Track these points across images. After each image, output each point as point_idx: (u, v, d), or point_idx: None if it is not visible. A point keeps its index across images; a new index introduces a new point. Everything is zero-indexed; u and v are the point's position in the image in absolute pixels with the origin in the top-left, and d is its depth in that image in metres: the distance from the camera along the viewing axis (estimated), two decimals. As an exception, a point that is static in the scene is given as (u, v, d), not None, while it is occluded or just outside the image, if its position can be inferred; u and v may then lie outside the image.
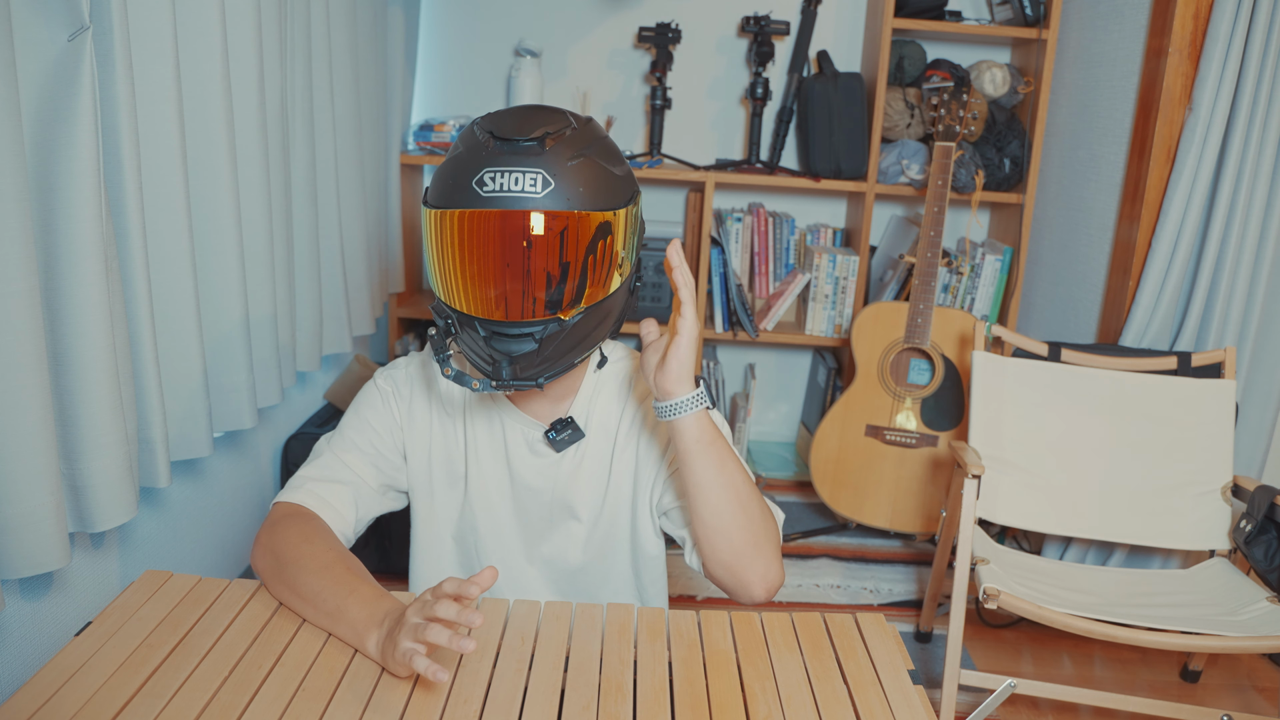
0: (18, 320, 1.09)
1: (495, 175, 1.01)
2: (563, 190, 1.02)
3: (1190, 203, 2.18)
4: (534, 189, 1.01)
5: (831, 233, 3.03)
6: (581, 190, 1.03)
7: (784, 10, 2.97)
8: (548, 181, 1.01)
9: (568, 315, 1.06)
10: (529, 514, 1.25)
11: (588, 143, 1.06)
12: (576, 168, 1.03)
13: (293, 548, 1.09)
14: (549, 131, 1.03)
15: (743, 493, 1.10)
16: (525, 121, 1.04)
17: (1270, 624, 1.69)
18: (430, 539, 1.28)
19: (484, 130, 1.05)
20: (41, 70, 1.16)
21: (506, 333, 1.05)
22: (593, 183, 1.04)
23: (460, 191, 1.03)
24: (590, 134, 1.08)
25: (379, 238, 2.60)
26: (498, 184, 1.01)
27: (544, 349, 1.05)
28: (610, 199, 1.06)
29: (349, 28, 2.19)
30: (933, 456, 2.56)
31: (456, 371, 1.08)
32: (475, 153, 1.03)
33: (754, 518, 1.11)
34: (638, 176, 2.83)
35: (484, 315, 1.05)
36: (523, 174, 1.01)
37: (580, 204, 1.03)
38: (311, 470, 1.20)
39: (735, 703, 0.96)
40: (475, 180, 1.02)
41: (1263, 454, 2.27)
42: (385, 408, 1.24)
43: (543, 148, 1.02)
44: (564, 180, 1.02)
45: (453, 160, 1.06)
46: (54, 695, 0.91)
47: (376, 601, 1.02)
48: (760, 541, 1.11)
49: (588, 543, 1.26)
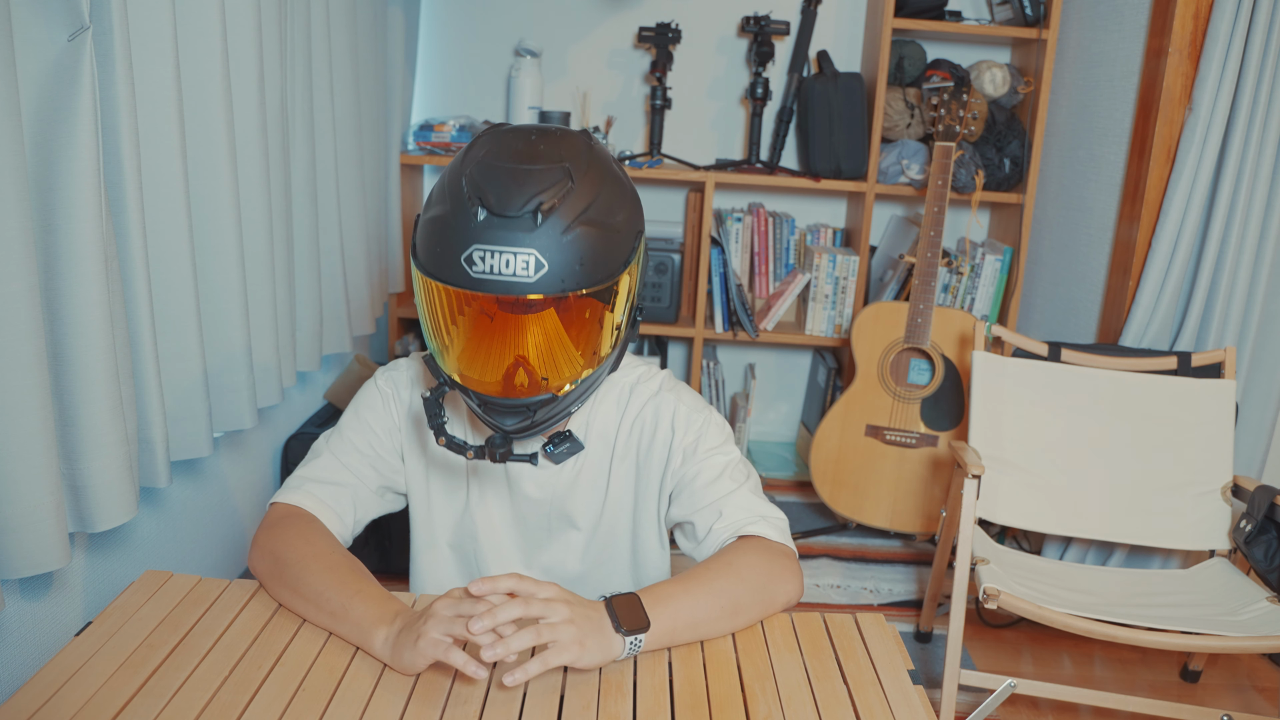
0: (18, 320, 1.09)
1: (485, 255, 0.94)
2: (558, 270, 0.95)
3: (1190, 203, 2.18)
4: (526, 273, 0.94)
5: (831, 233, 3.03)
6: (579, 267, 0.96)
7: (784, 10, 2.97)
8: (540, 263, 0.94)
9: (562, 391, 1.04)
10: (528, 523, 1.25)
11: (588, 200, 0.98)
12: (574, 240, 0.95)
13: (293, 549, 1.09)
14: (542, 201, 0.94)
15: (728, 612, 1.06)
16: (518, 187, 0.95)
17: (1270, 624, 1.69)
18: (429, 545, 1.28)
19: (473, 192, 0.96)
20: (41, 70, 1.16)
21: (500, 404, 1.03)
22: (591, 253, 0.97)
23: (448, 266, 0.96)
24: (591, 182, 0.99)
25: (379, 238, 2.60)
26: (487, 265, 0.94)
27: (538, 417, 1.03)
28: (610, 265, 0.99)
29: (349, 28, 2.19)
30: (933, 456, 2.56)
31: (450, 438, 1.04)
32: (463, 221, 0.95)
33: (750, 610, 1.08)
34: (638, 177, 2.84)
35: (476, 389, 1.03)
36: (514, 255, 0.94)
37: (576, 283, 0.96)
38: (309, 471, 1.20)
39: (735, 703, 0.96)
40: (464, 257, 0.95)
41: (1263, 454, 2.27)
42: (385, 409, 1.23)
43: (535, 222, 0.94)
44: (559, 258, 0.95)
45: (439, 221, 0.98)
46: (54, 695, 0.91)
47: (383, 601, 1.02)
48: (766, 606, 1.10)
49: (586, 552, 1.25)
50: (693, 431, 1.19)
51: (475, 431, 1.22)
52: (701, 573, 1.07)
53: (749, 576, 1.09)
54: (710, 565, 1.09)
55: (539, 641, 0.92)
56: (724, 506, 1.15)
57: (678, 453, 1.19)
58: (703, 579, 1.06)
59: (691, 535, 1.19)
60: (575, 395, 1.06)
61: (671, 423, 1.20)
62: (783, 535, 1.16)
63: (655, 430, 1.21)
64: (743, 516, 1.15)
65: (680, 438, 1.19)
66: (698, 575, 1.07)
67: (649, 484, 1.23)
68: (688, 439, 1.19)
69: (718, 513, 1.15)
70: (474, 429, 1.22)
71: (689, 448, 1.19)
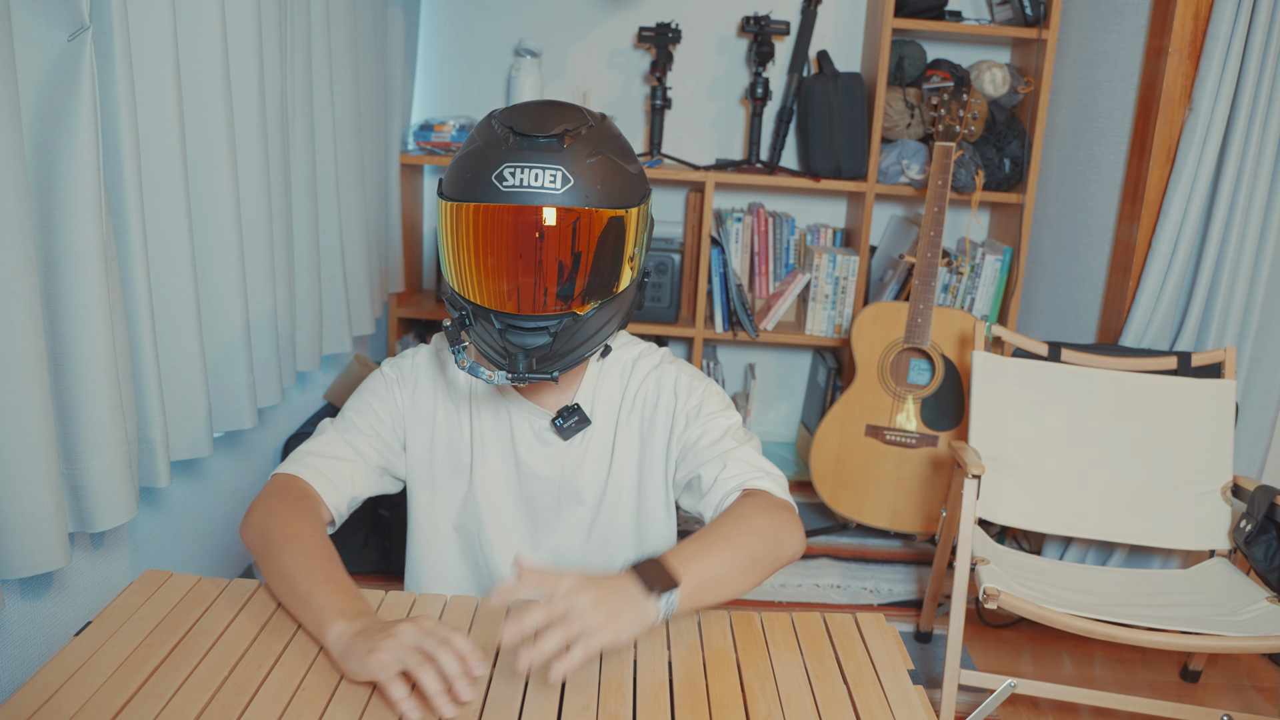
0: (18, 320, 1.09)
1: (515, 170, 1.03)
2: (580, 187, 1.04)
3: (1190, 203, 2.18)
4: (553, 185, 1.03)
5: (831, 233, 3.03)
6: (599, 188, 1.05)
7: (784, 10, 2.97)
8: (567, 178, 1.03)
9: (583, 310, 1.08)
10: (536, 502, 1.26)
11: (604, 141, 1.08)
12: (594, 165, 1.05)
13: (279, 526, 1.10)
14: (568, 128, 1.04)
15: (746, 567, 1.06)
16: (545, 118, 1.06)
17: (1270, 624, 1.69)
18: (430, 529, 1.28)
19: (503, 125, 1.06)
20: (41, 70, 1.16)
21: (522, 325, 1.07)
22: (609, 180, 1.06)
23: (479, 185, 1.04)
24: (606, 132, 1.10)
25: (379, 238, 2.60)
26: (517, 179, 1.02)
27: (558, 342, 1.08)
28: (625, 197, 1.08)
29: (349, 28, 2.19)
30: (933, 456, 2.56)
31: (471, 363, 1.09)
32: (494, 147, 1.04)
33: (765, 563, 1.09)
34: (638, 176, 2.84)
35: (499, 308, 1.08)
36: (542, 170, 1.02)
37: (597, 201, 1.05)
38: (313, 445, 1.21)
39: (735, 703, 0.96)
40: (495, 175, 1.03)
41: (1263, 454, 2.27)
42: (389, 393, 1.25)
43: (561, 144, 1.03)
44: (582, 177, 1.04)
45: (470, 154, 1.07)
46: (54, 695, 0.91)
47: (350, 598, 1.01)
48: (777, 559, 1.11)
49: (592, 527, 1.26)
50: (695, 397, 1.23)
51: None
52: (716, 529, 1.09)
53: (761, 529, 1.10)
54: (722, 522, 1.10)
55: (571, 636, 0.89)
56: (728, 459, 1.18)
57: (681, 418, 1.23)
58: (718, 535, 1.07)
59: (696, 489, 1.20)
60: (592, 329, 1.10)
61: (674, 390, 1.24)
62: (784, 491, 1.18)
63: (658, 399, 1.24)
64: (746, 470, 1.17)
65: (683, 403, 1.23)
66: (713, 532, 1.08)
67: (654, 453, 1.25)
68: (690, 404, 1.23)
69: (722, 464, 1.18)
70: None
71: (691, 412, 1.22)
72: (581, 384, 1.24)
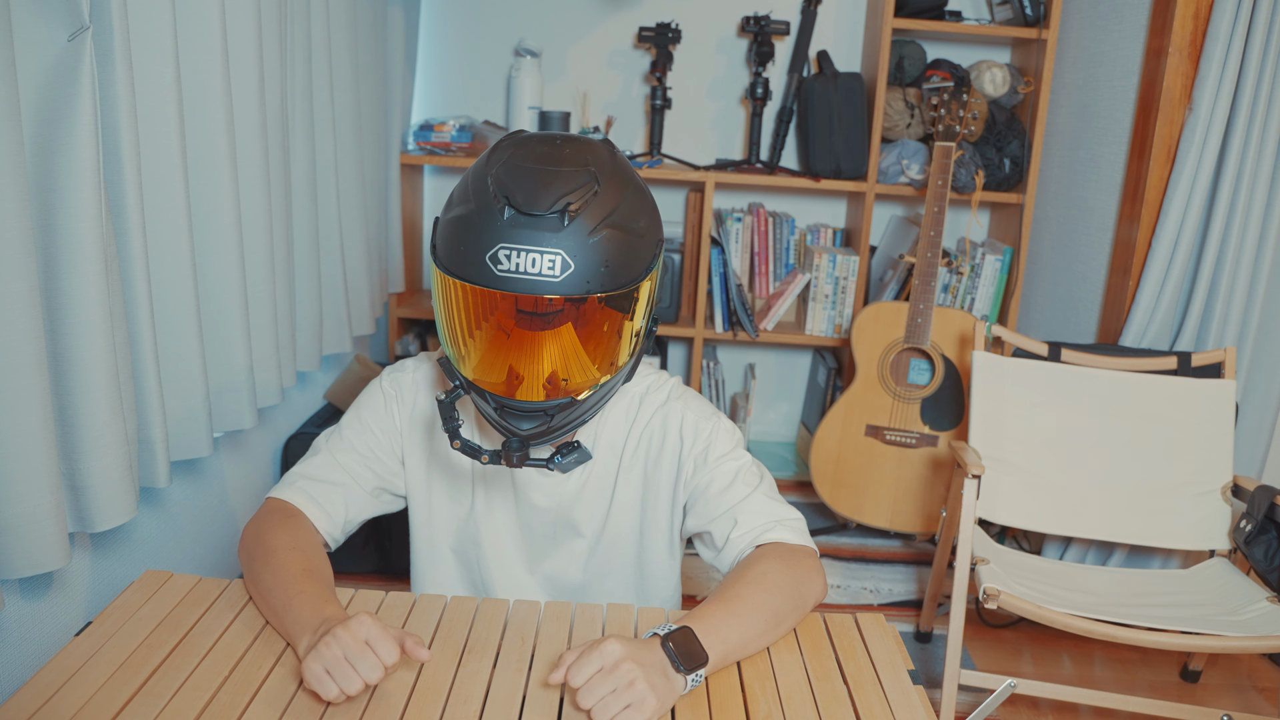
0: (18, 320, 1.09)
1: (511, 253, 0.94)
2: (583, 270, 0.95)
3: (1190, 203, 2.18)
4: (552, 272, 0.94)
5: (831, 233, 3.03)
6: (604, 270, 0.96)
7: (784, 10, 2.97)
8: (567, 264, 0.94)
9: (581, 395, 1.03)
10: (533, 531, 1.24)
11: (613, 204, 0.98)
12: (599, 243, 0.96)
13: (262, 543, 1.10)
14: (570, 202, 0.95)
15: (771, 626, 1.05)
16: (545, 187, 0.95)
17: (1270, 624, 1.69)
18: (430, 549, 1.27)
19: (500, 191, 0.96)
20: (41, 70, 1.16)
21: (517, 408, 1.02)
22: (616, 256, 0.97)
23: (472, 264, 0.95)
24: (616, 187, 1.00)
25: (379, 238, 2.60)
26: (513, 263, 0.94)
27: (554, 422, 1.03)
28: (633, 270, 0.99)
29: (349, 28, 2.19)
30: (933, 456, 2.56)
31: (465, 443, 1.04)
32: (488, 218, 0.95)
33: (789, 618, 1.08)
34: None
35: (493, 391, 1.03)
36: (540, 255, 0.94)
37: (600, 285, 0.96)
38: (305, 468, 1.20)
39: (735, 703, 0.96)
40: (489, 255, 0.94)
41: (1263, 454, 2.27)
42: (386, 411, 1.23)
43: (563, 222, 0.94)
44: (585, 259, 0.95)
45: (463, 221, 0.98)
46: (54, 695, 0.91)
47: (318, 607, 0.99)
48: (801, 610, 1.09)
49: (589, 560, 1.25)
50: (702, 439, 1.18)
51: (484, 436, 1.21)
52: (738, 591, 1.05)
53: (783, 585, 1.07)
54: (743, 580, 1.07)
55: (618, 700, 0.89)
56: (739, 514, 1.14)
57: (689, 462, 1.18)
58: (742, 598, 1.04)
59: (710, 544, 1.19)
60: (592, 402, 1.06)
61: (680, 432, 1.19)
62: (801, 536, 1.15)
63: (664, 440, 1.20)
64: (759, 523, 1.14)
65: (690, 447, 1.18)
66: (736, 594, 1.04)
67: (658, 494, 1.22)
68: (697, 447, 1.18)
69: (733, 520, 1.14)
70: (482, 434, 1.21)
71: (699, 456, 1.18)
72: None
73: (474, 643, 1.04)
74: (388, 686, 0.96)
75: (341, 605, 1.02)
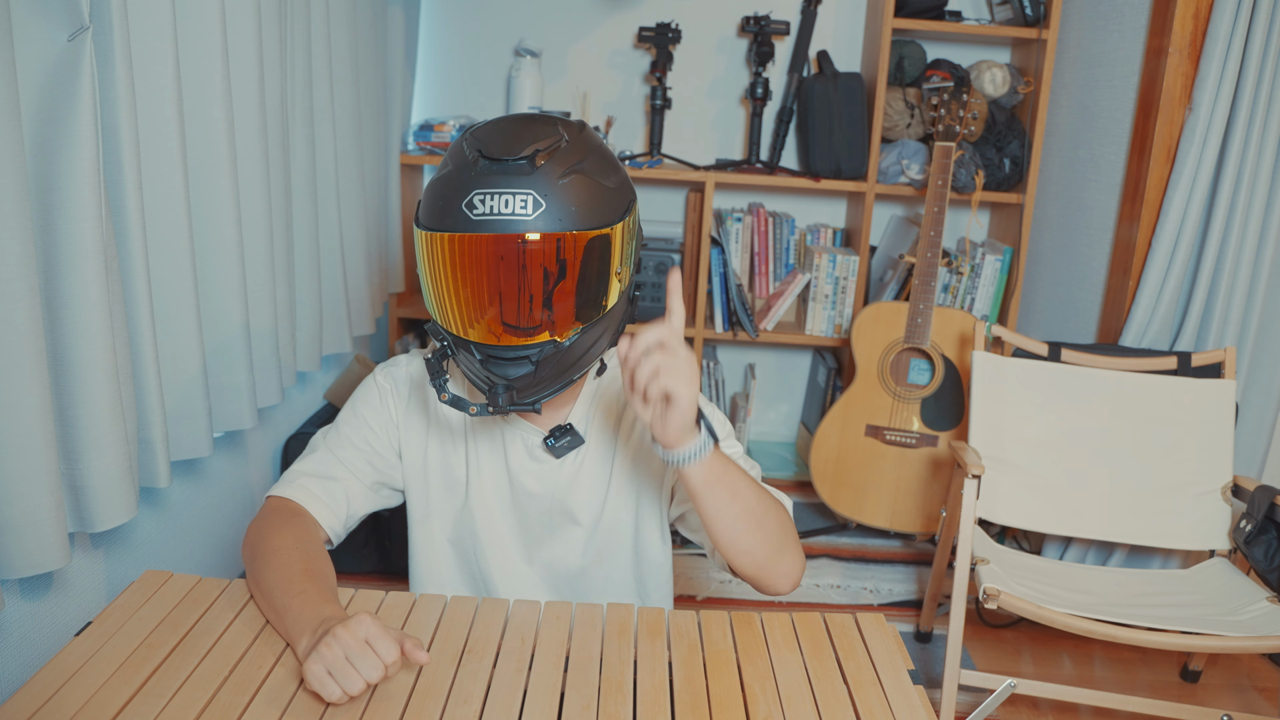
0: (18, 320, 1.09)
1: (485, 197, 0.99)
2: (555, 210, 1.00)
3: (1190, 203, 2.19)
4: (525, 211, 0.99)
5: (831, 233, 3.03)
6: (574, 209, 1.01)
7: (784, 10, 2.97)
8: (539, 202, 0.99)
9: (564, 337, 1.05)
10: (528, 519, 1.25)
11: (580, 156, 1.04)
12: (568, 185, 1.01)
13: (264, 542, 1.10)
14: (539, 148, 1.00)
15: (757, 512, 1.07)
16: (514, 138, 1.02)
17: (1270, 624, 1.69)
18: (428, 542, 1.28)
19: (472, 147, 1.02)
20: (41, 70, 1.16)
21: (502, 356, 1.04)
22: (586, 199, 1.02)
23: (450, 214, 1.01)
24: (583, 145, 1.06)
25: (379, 238, 2.60)
26: (487, 206, 0.99)
27: (540, 370, 1.05)
28: (605, 214, 1.04)
29: (349, 28, 2.19)
30: (933, 456, 2.56)
31: (453, 396, 1.08)
32: (464, 172, 1.01)
33: (771, 531, 1.09)
34: (638, 177, 2.84)
35: (478, 339, 1.05)
36: (513, 195, 0.99)
37: (573, 223, 1.01)
38: (305, 465, 1.20)
39: (735, 703, 0.96)
40: (465, 202, 1.00)
41: (1263, 454, 2.27)
42: (382, 405, 1.23)
43: (533, 166, 1.00)
44: (556, 199, 1.00)
45: (442, 179, 1.04)
46: (54, 695, 0.91)
47: (318, 606, 1.00)
48: (781, 547, 1.10)
49: (587, 547, 1.25)
50: None
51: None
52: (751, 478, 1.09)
53: (777, 516, 1.10)
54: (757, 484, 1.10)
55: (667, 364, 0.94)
56: None
57: None
58: (752, 482, 1.08)
59: (696, 525, 1.19)
60: (578, 352, 1.07)
61: None
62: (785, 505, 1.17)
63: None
64: None
65: None
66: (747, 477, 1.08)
67: (651, 481, 1.23)
68: None
69: None
70: (472, 399, 1.22)
71: None
72: (576, 403, 1.22)
73: (474, 643, 1.04)
74: (388, 686, 0.96)
75: (341, 605, 1.03)
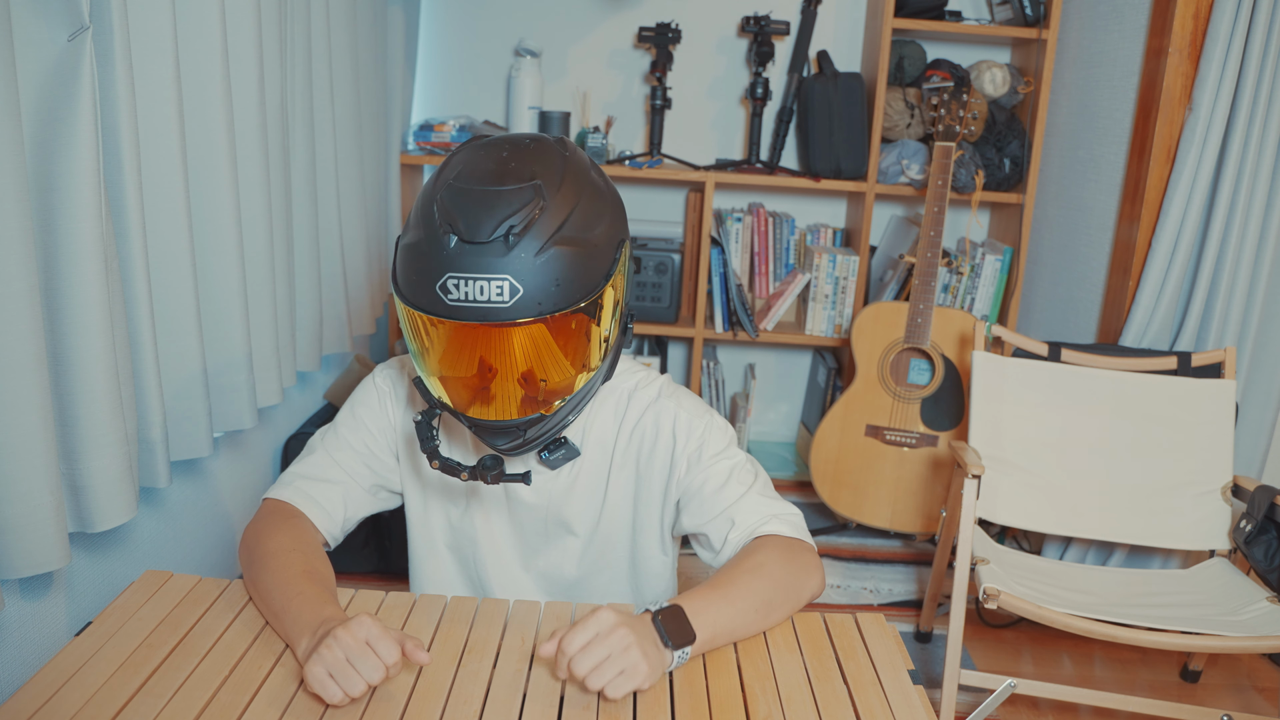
0: (18, 320, 1.09)
1: (459, 282, 0.93)
2: (534, 293, 0.93)
3: (1190, 203, 2.18)
4: (501, 298, 0.93)
5: (831, 233, 3.03)
6: (556, 287, 0.94)
7: (784, 10, 2.97)
8: (515, 288, 0.93)
9: (552, 410, 1.04)
10: (525, 529, 1.24)
11: (562, 217, 0.96)
12: (548, 261, 0.94)
13: (261, 545, 1.10)
14: (513, 225, 0.93)
15: (765, 607, 1.06)
16: (488, 211, 0.93)
17: (1270, 624, 1.69)
18: (427, 547, 1.27)
19: (444, 217, 0.95)
20: (41, 70, 1.16)
21: (489, 426, 1.03)
22: (568, 272, 0.95)
23: (424, 294, 0.95)
24: (565, 197, 0.97)
25: (379, 238, 2.60)
26: (461, 292, 0.93)
27: (530, 434, 1.04)
28: (590, 279, 0.98)
29: (349, 28, 2.19)
30: (933, 456, 2.56)
31: (444, 461, 1.04)
32: (435, 247, 0.94)
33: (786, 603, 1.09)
34: (638, 177, 2.85)
35: (463, 412, 1.03)
36: (488, 281, 0.92)
37: (554, 305, 0.95)
38: (302, 467, 1.20)
39: (735, 703, 0.96)
40: (439, 285, 0.94)
41: (1263, 454, 2.27)
42: (381, 408, 1.23)
43: (507, 246, 0.92)
44: (534, 280, 0.93)
45: (413, 248, 0.97)
46: (54, 695, 0.91)
47: (317, 608, 0.99)
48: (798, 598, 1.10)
49: (583, 557, 1.25)
50: (695, 438, 1.18)
51: (474, 447, 1.22)
52: (732, 577, 1.07)
53: (777, 575, 1.09)
54: (738, 567, 1.08)
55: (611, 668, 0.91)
56: (735, 514, 1.15)
57: (681, 460, 1.18)
58: (735, 583, 1.06)
59: (708, 545, 1.19)
60: (565, 411, 1.06)
61: (673, 430, 1.18)
62: (799, 530, 1.16)
63: (656, 438, 1.19)
64: (755, 520, 1.14)
65: (683, 445, 1.18)
66: (730, 580, 1.06)
67: (650, 492, 1.22)
68: (690, 446, 1.18)
69: (730, 521, 1.15)
70: (473, 444, 1.22)
71: (693, 455, 1.17)
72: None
73: (474, 643, 1.04)
74: (388, 687, 0.96)
75: (340, 606, 1.03)
